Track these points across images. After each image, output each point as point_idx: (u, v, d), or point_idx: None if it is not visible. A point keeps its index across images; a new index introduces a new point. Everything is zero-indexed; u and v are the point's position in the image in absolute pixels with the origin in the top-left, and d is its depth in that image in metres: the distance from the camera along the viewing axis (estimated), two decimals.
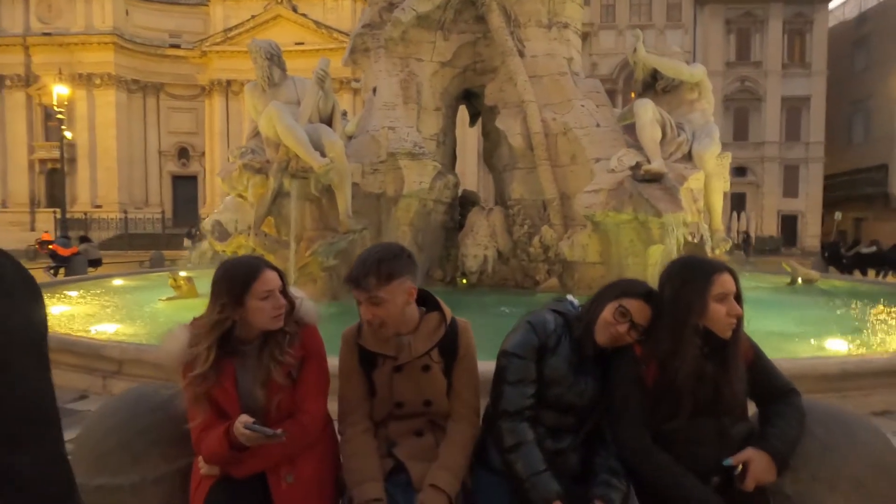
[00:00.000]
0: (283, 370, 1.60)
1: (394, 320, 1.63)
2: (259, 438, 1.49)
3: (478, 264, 7.32)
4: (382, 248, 1.67)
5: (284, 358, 1.60)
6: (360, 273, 1.59)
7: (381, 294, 1.58)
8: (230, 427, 1.51)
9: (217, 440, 1.53)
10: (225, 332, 1.59)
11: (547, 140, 7.28)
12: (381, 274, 1.58)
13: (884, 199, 29.96)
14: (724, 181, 7.21)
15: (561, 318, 1.70)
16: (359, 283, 1.59)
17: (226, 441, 1.51)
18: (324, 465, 1.66)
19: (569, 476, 1.61)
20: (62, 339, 4.39)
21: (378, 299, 1.58)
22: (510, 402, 1.60)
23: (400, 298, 1.61)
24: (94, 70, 32.92)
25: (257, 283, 1.57)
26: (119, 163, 33.44)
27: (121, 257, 20.89)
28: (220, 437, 1.52)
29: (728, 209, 24.38)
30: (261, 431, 1.47)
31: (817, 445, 1.57)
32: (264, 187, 6.51)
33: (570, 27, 7.87)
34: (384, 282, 1.58)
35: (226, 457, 1.53)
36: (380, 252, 1.64)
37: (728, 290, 1.53)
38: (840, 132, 32.50)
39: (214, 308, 1.58)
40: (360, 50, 7.85)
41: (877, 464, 1.54)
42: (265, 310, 1.58)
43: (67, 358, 4.21)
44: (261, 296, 1.57)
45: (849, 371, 3.65)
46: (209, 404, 1.58)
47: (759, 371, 1.63)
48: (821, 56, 30.83)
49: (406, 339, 1.67)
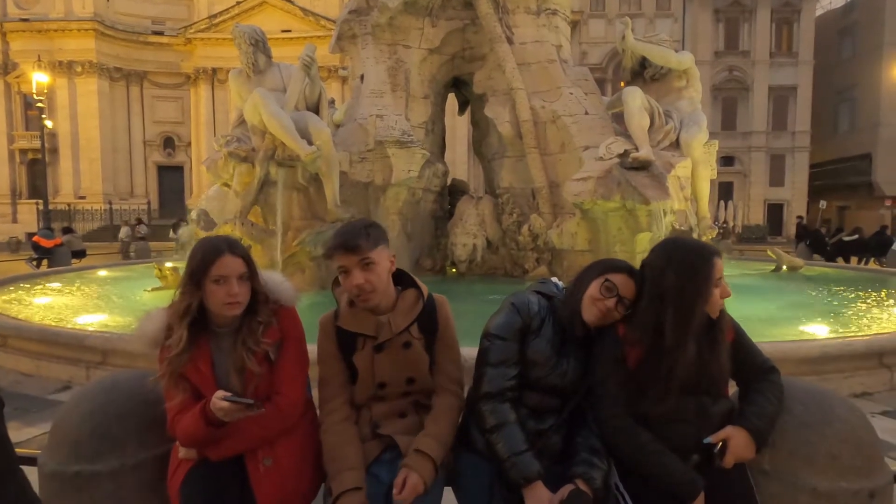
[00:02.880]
0: (257, 357, 1.58)
1: (383, 286, 1.64)
2: (237, 411, 1.46)
3: (467, 253, 7.32)
4: (359, 220, 1.72)
5: (257, 347, 1.58)
6: (350, 237, 1.60)
7: (371, 255, 1.59)
8: (206, 404, 1.49)
9: (193, 418, 1.51)
10: (198, 314, 1.56)
11: (536, 128, 7.26)
12: (371, 236, 1.61)
13: (867, 187, 30.41)
14: (710, 169, 7.26)
15: (545, 299, 1.70)
16: (349, 246, 1.58)
17: (202, 418, 1.49)
18: (304, 450, 1.65)
19: (551, 456, 1.62)
20: (45, 330, 4.33)
21: (370, 261, 1.59)
22: (492, 384, 1.60)
23: (385, 265, 1.64)
24: (75, 57, 32.12)
25: (214, 266, 1.53)
26: (103, 153, 32.79)
27: (105, 248, 20.59)
28: (196, 415, 1.50)
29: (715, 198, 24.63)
30: (239, 402, 1.46)
31: (795, 422, 1.60)
32: (250, 176, 6.43)
33: (559, 14, 7.82)
34: (374, 244, 1.61)
35: (201, 435, 1.51)
36: (360, 221, 1.70)
37: (721, 272, 1.55)
38: (826, 121, 32.83)
39: (179, 291, 1.57)
40: (347, 36, 7.74)
41: (852, 439, 1.57)
42: (217, 294, 1.54)
43: (51, 349, 4.15)
44: (213, 278, 1.53)
45: (829, 354, 3.72)
46: (186, 386, 1.56)
47: (740, 350, 1.64)
48: (807, 45, 31.02)
49: (385, 318, 1.66)
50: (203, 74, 34.12)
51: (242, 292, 1.57)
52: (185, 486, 1.54)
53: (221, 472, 1.55)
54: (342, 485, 1.52)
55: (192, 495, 1.52)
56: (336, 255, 1.61)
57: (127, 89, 34.41)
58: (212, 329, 1.61)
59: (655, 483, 1.53)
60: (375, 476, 1.58)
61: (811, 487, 1.55)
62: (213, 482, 1.53)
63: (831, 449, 1.56)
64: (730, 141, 29.65)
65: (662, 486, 1.52)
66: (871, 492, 1.55)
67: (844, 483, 1.54)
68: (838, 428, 1.58)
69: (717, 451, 1.53)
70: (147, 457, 1.66)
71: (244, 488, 1.55)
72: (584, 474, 1.51)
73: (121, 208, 30.30)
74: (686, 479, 1.51)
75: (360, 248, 1.58)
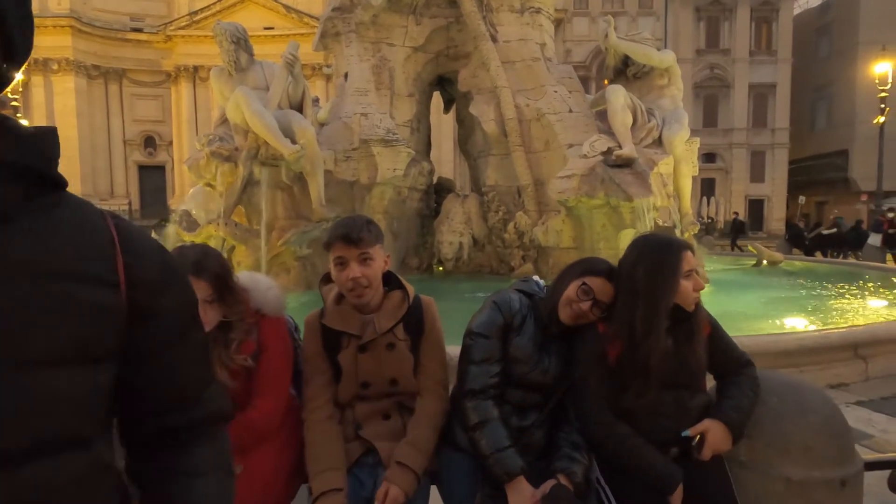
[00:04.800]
0: (231, 371, 1.56)
1: (376, 283, 1.64)
2: None
3: (453, 251, 7.33)
4: (359, 216, 1.73)
5: (230, 362, 1.56)
6: (354, 229, 1.59)
7: (371, 251, 1.60)
8: None
9: None
10: None
11: (521, 126, 7.29)
12: (372, 232, 1.62)
13: (844, 183, 31.12)
14: (692, 166, 7.37)
15: (526, 297, 1.72)
16: (352, 238, 1.58)
17: None
18: (279, 459, 1.63)
19: (534, 452, 1.64)
20: None
21: (368, 255, 1.60)
22: (475, 381, 1.61)
23: (380, 263, 1.65)
24: (51, 55, 31.32)
25: None
26: (81, 152, 32.04)
27: None
28: None
29: (697, 194, 24.98)
30: None
31: (771, 414, 1.64)
32: (233, 175, 6.36)
33: (543, 12, 7.85)
34: (374, 240, 1.62)
35: None
36: (361, 217, 1.70)
37: (692, 265, 1.58)
38: (803, 118, 33.49)
39: None
40: (331, 34, 7.68)
41: (825, 430, 1.62)
42: None
43: None
44: None
45: (806, 346, 3.81)
46: None
47: (717, 344, 1.68)
48: (786, 44, 31.58)
49: (370, 318, 1.66)
50: (184, 72, 33.56)
51: (208, 316, 1.52)
52: None
53: None
54: (323, 485, 1.52)
55: None
56: (336, 246, 1.60)
57: (105, 87, 33.70)
58: None
59: (635, 476, 1.56)
60: (357, 478, 1.58)
61: (785, 477, 1.59)
62: None
63: (805, 439, 1.60)
64: (711, 138, 30.08)
65: (642, 478, 1.55)
66: (843, 480, 1.60)
67: (817, 472, 1.58)
68: (812, 419, 1.62)
69: (695, 444, 1.57)
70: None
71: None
72: (566, 469, 1.53)
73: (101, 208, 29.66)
74: (665, 471, 1.55)
75: (363, 242, 1.58)
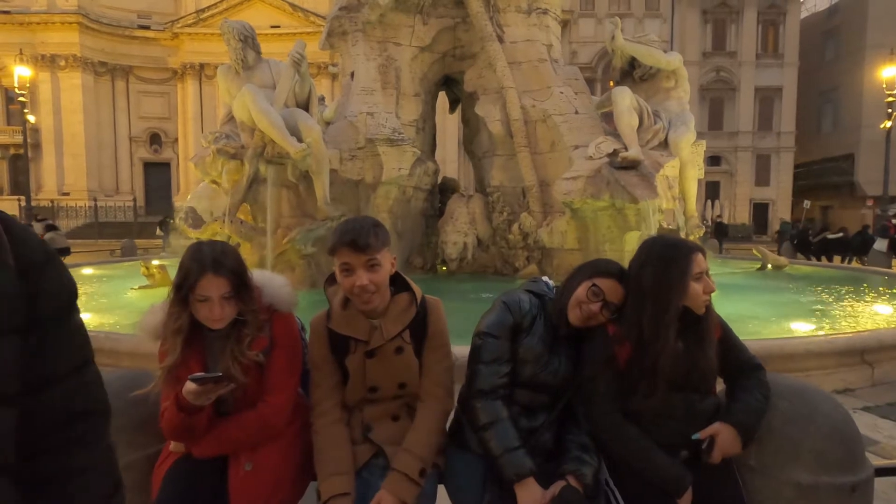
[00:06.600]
0: (243, 366, 1.57)
1: (384, 288, 1.60)
2: (206, 391, 1.46)
3: (457, 251, 7.33)
4: (365, 218, 1.63)
5: (243, 358, 1.57)
6: (361, 234, 1.52)
7: (378, 257, 1.54)
8: (180, 391, 1.50)
9: (170, 406, 1.52)
10: (191, 318, 1.57)
11: (526, 127, 7.28)
12: (379, 237, 1.56)
13: (850, 187, 30.96)
14: (698, 168, 7.35)
15: (536, 298, 1.71)
16: (360, 244, 1.51)
17: (175, 405, 1.50)
18: (288, 457, 1.63)
19: (542, 454, 1.63)
20: None
21: (376, 262, 1.54)
22: (485, 381, 1.61)
23: (388, 267, 1.60)
24: (58, 51, 31.51)
25: (197, 286, 1.52)
26: (87, 149, 32.23)
27: (91, 246, 20.25)
28: (172, 403, 1.51)
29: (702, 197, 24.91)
30: (206, 377, 1.45)
31: (781, 418, 1.63)
32: (239, 173, 6.37)
33: (550, 13, 7.85)
34: (381, 245, 1.56)
35: (178, 423, 1.52)
36: (367, 219, 1.61)
37: (703, 268, 1.57)
38: (809, 122, 33.35)
39: (170, 303, 1.57)
40: (338, 33, 7.69)
41: (835, 435, 1.61)
42: (200, 311, 1.54)
43: None
44: (197, 297, 1.53)
45: (812, 351, 3.79)
46: (179, 385, 1.57)
47: (727, 347, 1.67)
48: (793, 47, 31.46)
49: (377, 322, 1.63)
50: (190, 70, 33.67)
51: (226, 312, 1.55)
52: (167, 476, 1.57)
53: (203, 470, 1.57)
54: (331, 489, 1.52)
55: (168, 485, 1.55)
56: (341, 252, 1.54)
57: (112, 84, 33.84)
58: (204, 331, 1.61)
59: (644, 478, 1.55)
60: (366, 481, 1.57)
61: (795, 482, 1.58)
62: (192, 476, 1.56)
63: (815, 444, 1.59)
64: (717, 141, 29.99)
65: (651, 481, 1.54)
66: (853, 485, 1.59)
67: (827, 477, 1.57)
68: (822, 424, 1.61)
69: (704, 447, 1.56)
70: (136, 457, 1.65)
71: (223, 489, 1.56)
72: (575, 471, 1.53)
73: (106, 205, 29.81)
74: (674, 474, 1.54)
75: (370, 248, 1.52)
